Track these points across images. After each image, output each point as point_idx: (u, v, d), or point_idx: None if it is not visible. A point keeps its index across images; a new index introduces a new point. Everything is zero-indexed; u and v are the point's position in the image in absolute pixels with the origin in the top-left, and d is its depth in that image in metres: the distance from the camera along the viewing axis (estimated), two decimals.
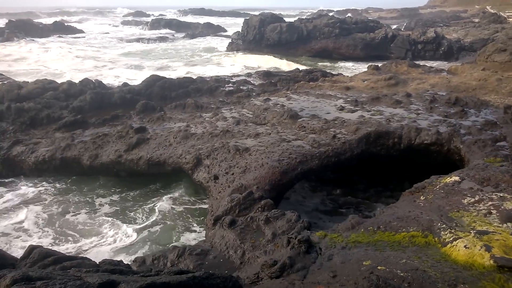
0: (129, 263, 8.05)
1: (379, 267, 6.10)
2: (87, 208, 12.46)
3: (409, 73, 21.93)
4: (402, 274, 5.83)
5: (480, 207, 7.64)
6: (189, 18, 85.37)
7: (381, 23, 50.88)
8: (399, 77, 20.18)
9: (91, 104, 18.29)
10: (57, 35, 59.46)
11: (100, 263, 5.88)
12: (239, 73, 28.25)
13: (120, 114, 17.38)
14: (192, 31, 64.41)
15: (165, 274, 3.84)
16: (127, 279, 3.41)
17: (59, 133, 15.85)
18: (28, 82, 20.83)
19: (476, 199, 7.94)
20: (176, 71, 32.80)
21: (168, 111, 17.66)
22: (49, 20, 71.74)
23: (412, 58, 35.47)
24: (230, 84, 22.35)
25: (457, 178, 8.96)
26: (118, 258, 7.96)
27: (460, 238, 6.48)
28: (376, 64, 24.23)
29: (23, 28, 57.91)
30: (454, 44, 38.51)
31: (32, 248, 5.83)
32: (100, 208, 12.49)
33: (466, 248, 6.22)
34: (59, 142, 14.78)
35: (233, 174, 11.13)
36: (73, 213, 12.20)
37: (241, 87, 21.80)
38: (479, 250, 6.05)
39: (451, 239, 6.56)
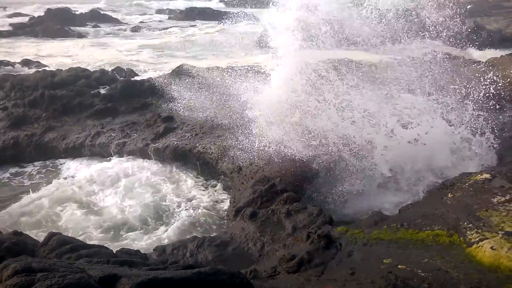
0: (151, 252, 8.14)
1: (399, 266, 5.94)
2: None
3: None
4: (423, 274, 5.65)
5: (511, 206, 7.31)
6: (224, 7, 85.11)
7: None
8: None
9: (122, 92, 18.49)
10: (93, 24, 59.79)
11: (117, 252, 5.95)
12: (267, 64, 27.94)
13: (149, 103, 17.53)
14: (225, 20, 64.40)
15: (173, 268, 3.84)
16: (130, 274, 3.41)
17: (90, 121, 16.13)
18: (62, 70, 21.25)
19: (507, 198, 7.57)
20: (207, 60, 32.79)
21: None
22: (80, 8, 71.57)
23: None
24: (260, 74, 22.17)
25: (488, 176, 8.59)
26: None
27: (487, 238, 6.22)
28: None
29: (61, 16, 58.54)
30: (495, 35, 37.03)
31: (51, 235, 5.94)
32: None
33: (492, 249, 5.96)
34: (89, 130, 15.07)
35: (257, 165, 11.06)
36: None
37: None
38: (506, 252, 5.80)
39: (477, 239, 6.30)
